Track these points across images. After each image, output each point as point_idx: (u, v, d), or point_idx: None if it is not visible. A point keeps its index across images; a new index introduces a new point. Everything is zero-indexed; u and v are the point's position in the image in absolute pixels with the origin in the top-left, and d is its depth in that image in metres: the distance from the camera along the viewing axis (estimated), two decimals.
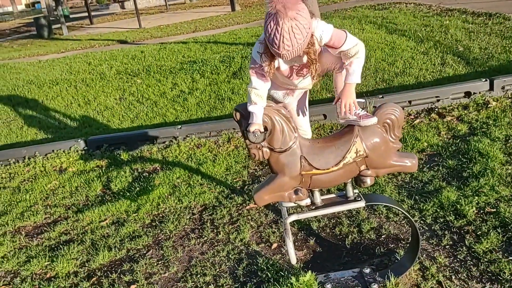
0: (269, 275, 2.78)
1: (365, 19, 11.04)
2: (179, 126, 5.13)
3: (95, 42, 15.45)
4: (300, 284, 2.56)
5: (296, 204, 2.54)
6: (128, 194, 4.14)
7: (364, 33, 8.99)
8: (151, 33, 15.88)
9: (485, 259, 2.60)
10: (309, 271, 2.58)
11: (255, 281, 2.78)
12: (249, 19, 15.94)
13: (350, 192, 2.48)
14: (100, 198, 4.21)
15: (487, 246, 2.69)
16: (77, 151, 5.13)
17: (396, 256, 2.80)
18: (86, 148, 5.16)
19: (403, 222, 3.13)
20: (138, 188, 4.22)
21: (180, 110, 6.19)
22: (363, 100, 2.57)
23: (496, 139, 3.98)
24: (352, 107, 2.33)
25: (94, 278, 3.08)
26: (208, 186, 4.11)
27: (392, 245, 2.92)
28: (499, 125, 4.26)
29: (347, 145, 2.29)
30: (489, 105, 4.70)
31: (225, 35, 12.35)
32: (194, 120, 5.69)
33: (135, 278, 3.01)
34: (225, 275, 2.89)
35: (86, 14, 24.67)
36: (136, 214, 3.81)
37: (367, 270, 2.67)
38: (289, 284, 2.56)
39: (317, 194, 2.47)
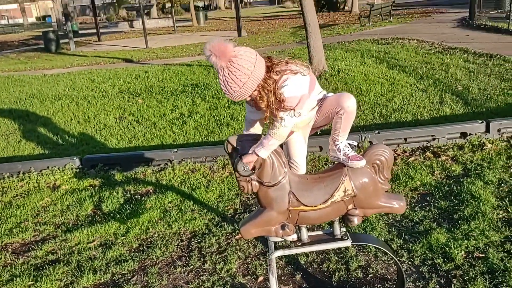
0: None
1: (367, 52, 11.19)
2: (175, 150, 5.14)
3: (101, 59, 15.63)
4: None
5: (283, 239, 2.53)
6: (118, 216, 4.13)
7: (365, 67, 9.10)
8: (157, 54, 16.09)
9: None
10: None
11: None
12: (254, 45, 16.15)
13: (337, 230, 2.47)
14: (90, 218, 4.19)
15: None
16: (72, 169, 5.14)
17: None
18: (81, 166, 5.16)
19: (391, 262, 3.11)
20: (128, 211, 4.21)
21: (178, 133, 6.22)
22: (355, 143, 2.59)
23: (489, 182, 3.99)
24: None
25: None
26: (199, 212, 4.10)
27: (378, 286, 2.90)
28: (493, 168, 4.27)
29: (336, 183, 2.30)
30: (484, 147, 4.72)
31: None
32: (191, 144, 5.71)
33: None
34: None
35: (95, 30, 25.01)
36: (125, 237, 3.79)
37: None
38: None
39: (304, 230, 2.47)
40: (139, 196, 4.55)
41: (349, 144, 2.39)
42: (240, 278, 3.11)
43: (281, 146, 2.55)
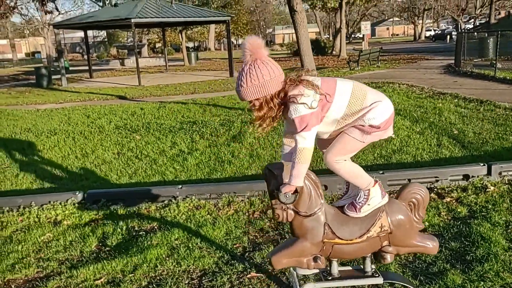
0: None
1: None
2: (180, 186, 5.11)
3: (94, 96, 15.67)
4: None
5: (312, 273, 2.51)
6: (124, 252, 4.04)
7: None
8: (151, 91, 16.20)
9: None
10: None
11: None
12: None
13: (369, 266, 2.46)
14: (95, 254, 4.09)
15: None
16: (74, 203, 5.05)
17: None
18: (83, 201, 5.08)
19: None
20: (135, 247, 4.12)
21: (180, 170, 6.20)
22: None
23: (497, 224, 4.03)
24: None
25: None
26: (208, 250, 4.03)
27: None
28: (498, 210, 4.33)
29: (373, 218, 2.31)
30: (487, 190, 4.80)
31: (224, 99, 12.65)
32: (194, 180, 5.69)
33: None
34: None
35: (85, 67, 25.19)
36: (133, 274, 3.70)
37: None
38: None
39: (335, 264, 2.45)
40: (144, 232, 4.48)
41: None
42: None
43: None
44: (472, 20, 59.33)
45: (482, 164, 5.05)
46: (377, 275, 2.46)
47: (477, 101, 9.72)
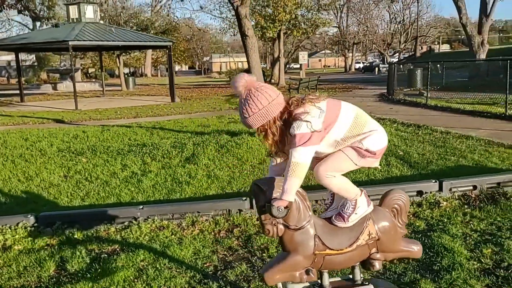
0: None
1: None
2: (141, 206, 4.93)
3: (29, 119, 14.87)
4: None
5: (303, 286, 2.50)
6: (88, 275, 3.80)
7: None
8: (90, 115, 15.66)
9: None
10: None
11: None
12: (190, 110, 16.33)
13: (358, 275, 2.50)
14: (55, 279, 3.81)
15: None
16: (26, 227, 4.70)
17: None
18: (36, 224, 4.74)
19: None
20: (99, 270, 3.89)
21: (135, 191, 5.99)
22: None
23: (455, 236, 4.25)
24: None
25: None
26: (178, 270, 3.90)
27: None
28: (454, 223, 4.58)
29: (361, 227, 2.36)
30: (440, 205, 5.07)
31: (170, 123, 12.49)
32: (153, 201, 5.51)
33: None
34: None
35: (14, 91, 23.88)
36: None
37: None
38: None
39: (326, 275, 2.46)
40: (106, 255, 4.25)
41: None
42: None
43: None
44: (397, 54, 63.52)
45: (434, 181, 5.34)
46: (366, 283, 2.50)
47: (415, 125, 10.32)
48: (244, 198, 5.06)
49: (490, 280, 3.41)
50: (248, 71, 33.41)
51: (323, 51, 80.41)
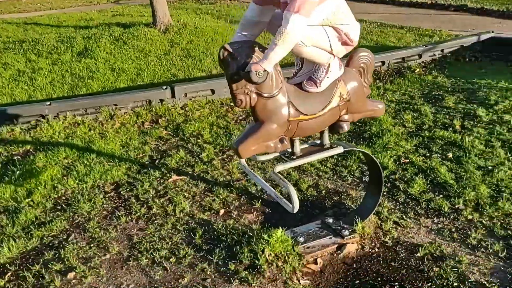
0: (236, 238, 2.60)
1: (199, 10, 11.17)
2: (48, 103, 4.36)
3: None
4: (275, 240, 2.47)
5: (273, 157, 2.45)
6: (7, 179, 3.35)
7: (208, 22, 9.00)
8: None
9: (423, 199, 2.91)
10: (279, 228, 2.51)
11: (221, 246, 2.56)
12: (63, 6, 14.49)
13: (327, 139, 2.48)
14: None
15: (418, 189, 3.02)
16: None
17: (346, 205, 2.92)
18: None
19: (334, 177, 3.28)
20: (18, 172, 3.44)
21: (32, 89, 5.27)
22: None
23: None
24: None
25: (8, 274, 2.41)
26: (110, 163, 3.60)
27: (336, 198, 3.04)
28: (370, 96, 4.81)
29: (332, 89, 2.29)
30: None
31: (44, 18, 11.04)
32: (60, 97, 4.91)
33: (69, 265, 2.46)
34: (182, 246, 2.58)
35: None
36: (30, 199, 3.11)
37: (330, 220, 2.72)
38: (263, 242, 2.45)
39: (297, 143, 2.40)
40: (18, 157, 3.76)
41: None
42: (201, 214, 2.89)
43: None
44: None
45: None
46: (335, 146, 2.50)
47: None
48: (164, 87, 4.73)
49: (417, 141, 3.70)
50: None
51: None
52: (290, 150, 2.43)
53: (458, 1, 10.44)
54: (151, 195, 3.13)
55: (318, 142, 2.57)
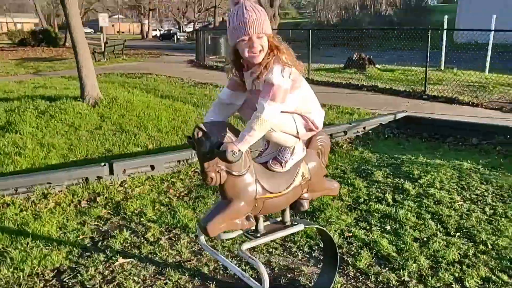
0: None
1: (126, 84, 11.20)
2: None
3: None
4: None
5: (236, 235, 2.48)
6: None
7: (137, 96, 9.00)
8: None
9: (371, 273, 3.05)
10: None
11: None
12: None
13: (288, 217, 2.58)
14: None
15: (365, 262, 3.17)
16: None
17: (301, 282, 2.98)
18: None
19: (285, 253, 3.35)
20: None
21: None
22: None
23: None
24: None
25: None
26: (48, 247, 3.38)
27: (289, 275, 3.09)
28: None
29: (295, 169, 2.43)
30: None
31: None
32: None
33: None
34: None
35: None
36: None
37: None
38: None
39: (261, 220, 2.47)
40: None
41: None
42: None
43: None
44: (192, 23, 64.76)
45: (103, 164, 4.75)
46: (296, 224, 2.60)
47: None
48: (103, 164, 4.62)
49: (356, 214, 3.93)
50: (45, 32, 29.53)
51: (116, 16, 76.57)
52: (253, 228, 2.49)
53: (370, 82, 11.53)
54: (98, 281, 2.96)
55: (279, 219, 2.65)
